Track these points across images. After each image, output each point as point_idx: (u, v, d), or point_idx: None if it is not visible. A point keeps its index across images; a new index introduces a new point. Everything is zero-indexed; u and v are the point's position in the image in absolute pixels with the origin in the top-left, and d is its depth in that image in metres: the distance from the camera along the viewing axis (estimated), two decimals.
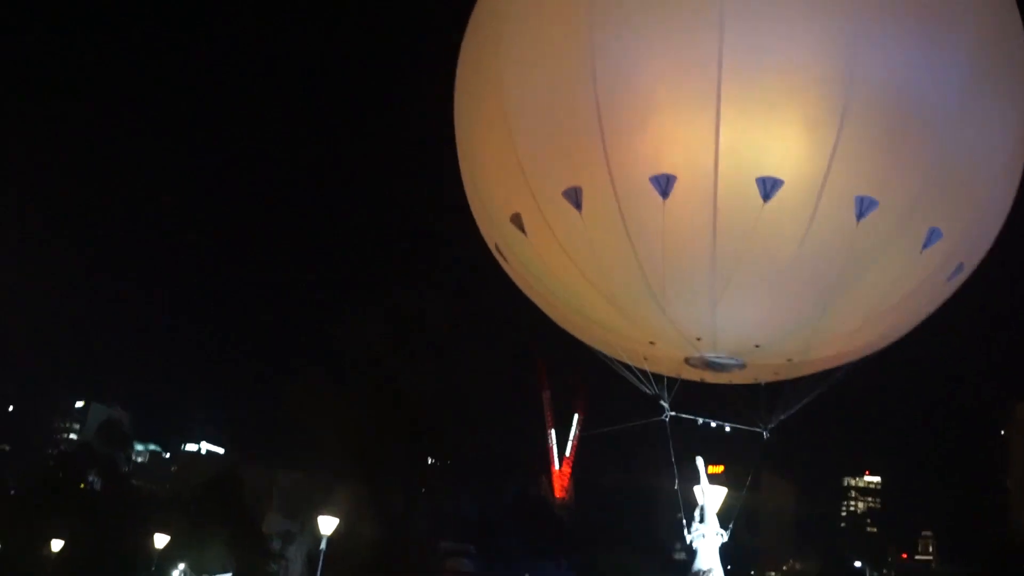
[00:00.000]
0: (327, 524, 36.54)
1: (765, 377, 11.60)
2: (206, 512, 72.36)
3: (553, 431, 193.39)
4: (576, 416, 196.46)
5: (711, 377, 11.59)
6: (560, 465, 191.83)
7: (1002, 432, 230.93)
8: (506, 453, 70.55)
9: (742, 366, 10.92)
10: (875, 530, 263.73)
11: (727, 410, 12.17)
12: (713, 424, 11.94)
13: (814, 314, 10.20)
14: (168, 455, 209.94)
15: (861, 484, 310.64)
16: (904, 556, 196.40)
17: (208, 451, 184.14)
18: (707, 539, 11.66)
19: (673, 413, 11.66)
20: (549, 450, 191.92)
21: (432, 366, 51.83)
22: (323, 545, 36.17)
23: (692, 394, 12.00)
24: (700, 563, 11.64)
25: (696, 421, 11.81)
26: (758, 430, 11.95)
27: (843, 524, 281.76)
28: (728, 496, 11.85)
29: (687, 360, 11.08)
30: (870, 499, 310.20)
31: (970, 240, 10.65)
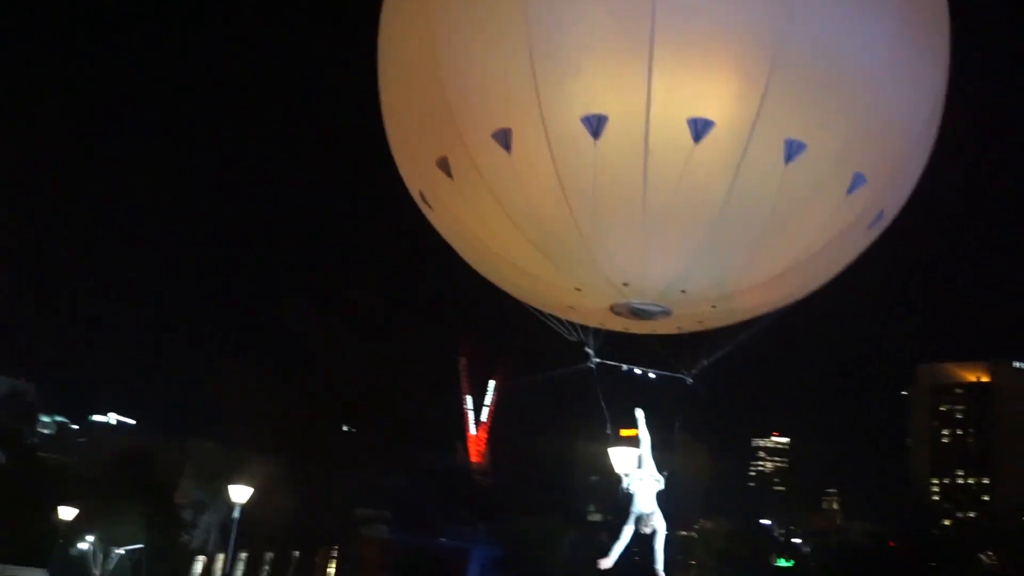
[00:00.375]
0: (240, 493, 36.25)
1: (688, 326, 11.70)
2: (116, 484, 71.22)
3: (469, 397, 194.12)
4: (492, 382, 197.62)
5: (635, 327, 11.57)
6: (476, 431, 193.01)
7: (904, 393, 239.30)
8: (423, 420, 70.59)
9: (667, 313, 10.94)
10: (783, 489, 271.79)
11: (650, 359, 12.23)
12: (637, 371, 12.04)
13: (741, 259, 10.34)
14: (77, 427, 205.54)
15: (769, 445, 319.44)
16: (810, 514, 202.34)
17: (119, 422, 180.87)
18: (644, 483, 11.78)
19: (599, 360, 11.68)
20: (465, 416, 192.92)
21: (347, 335, 51.49)
22: (236, 514, 35.86)
23: (616, 345, 11.98)
24: (639, 507, 11.78)
25: (620, 367, 11.92)
26: (682, 376, 12.13)
27: (752, 484, 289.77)
28: (652, 447, 11.97)
29: (612, 308, 11.03)
30: (778, 459, 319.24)
31: (892, 188, 10.93)
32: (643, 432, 12.00)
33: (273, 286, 58.94)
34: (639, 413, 12.06)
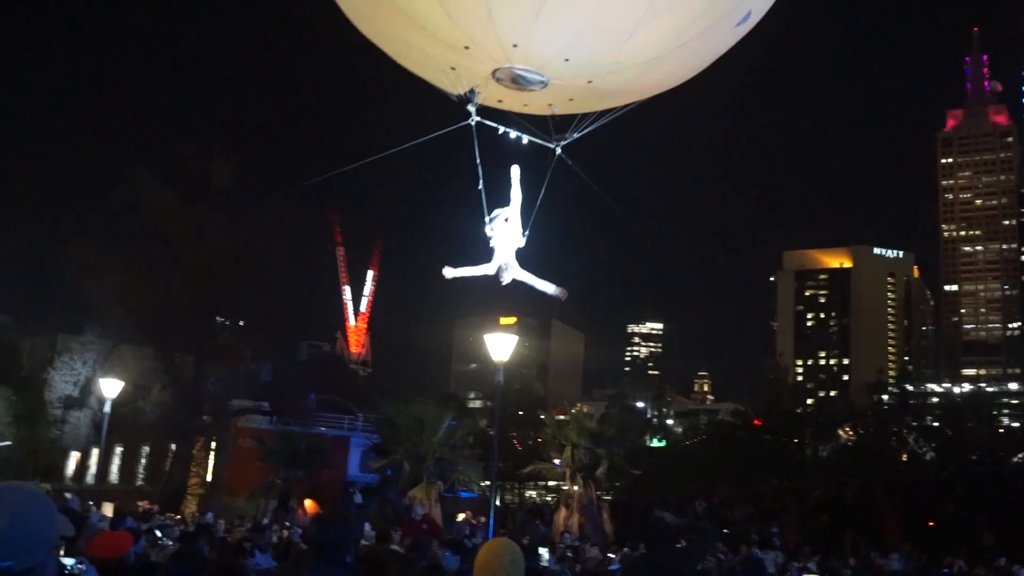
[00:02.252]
0: (111, 387, 35.52)
1: (560, 103, 11.87)
2: None
3: (348, 287, 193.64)
4: (370, 272, 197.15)
5: (510, 99, 11.70)
6: (355, 321, 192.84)
7: (771, 279, 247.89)
8: (300, 311, 69.97)
9: (545, 84, 11.06)
10: (657, 372, 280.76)
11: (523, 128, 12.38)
12: (512, 135, 12.10)
13: (623, 35, 10.44)
14: None
15: (644, 331, 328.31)
16: (680, 398, 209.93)
17: None
18: (504, 237, 12.14)
19: (479, 119, 11.65)
20: (344, 306, 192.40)
21: (219, 223, 50.12)
22: (107, 408, 35.18)
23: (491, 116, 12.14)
24: (498, 258, 12.20)
25: (497, 129, 11.96)
26: (551, 145, 12.30)
27: (627, 368, 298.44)
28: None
29: (495, 73, 11.04)
30: (652, 344, 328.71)
31: None
32: (516, 188, 12.27)
33: (142, 176, 55.97)
34: (515, 170, 12.30)
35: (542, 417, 47.88)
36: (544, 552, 17.70)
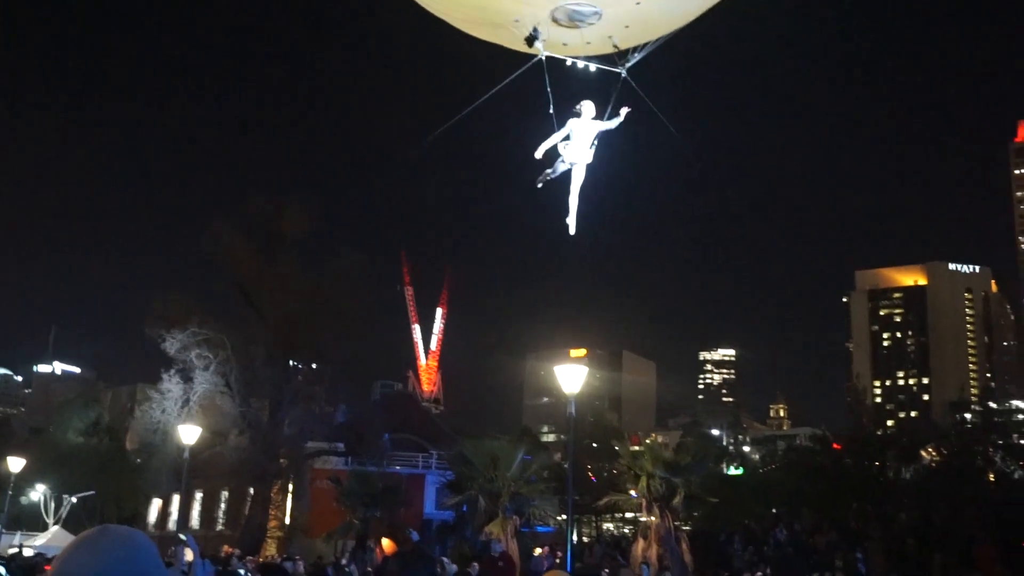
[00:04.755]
0: (189, 434, 36.20)
1: (618, 33, 12.17)
2: (63, 431, 70.64)
3: (417, 326, 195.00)
4: (439, 310, 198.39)
5: (572, 39, 12.05)
6: (426, 360, 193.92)
7: (844, 299, 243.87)
8: (372, 352, 70.69)
9: (600, 14, 11.41)
10: (731, 400, 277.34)
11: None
12: (580, 64, 12.47)
13: None
14: (20, 378, 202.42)
15: (716, 357, 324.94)
16: (756, 425, 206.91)
17: (63, 372, 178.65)
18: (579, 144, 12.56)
19: (548, 54, 11.98)
20: (415, 346, 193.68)
21: (294, 270, 51.14)
22: (186, 454, 35.84)
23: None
24: (571, 151, 12.54)
25: (564, 61, 12.34)
26: (617, 70, 12.56)
27: (700, 396, 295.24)
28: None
29: (553, 15, 11.44)
30: (725, 371, 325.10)
31: None
32: (588, 119, 12.62)
33: (218, 226, 57.53)
34: (587, 104, 12.63)
35: (616, 448, 47.41)
36: None
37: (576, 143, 12.56)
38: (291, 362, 51.92)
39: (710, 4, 12.28)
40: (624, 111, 12.68)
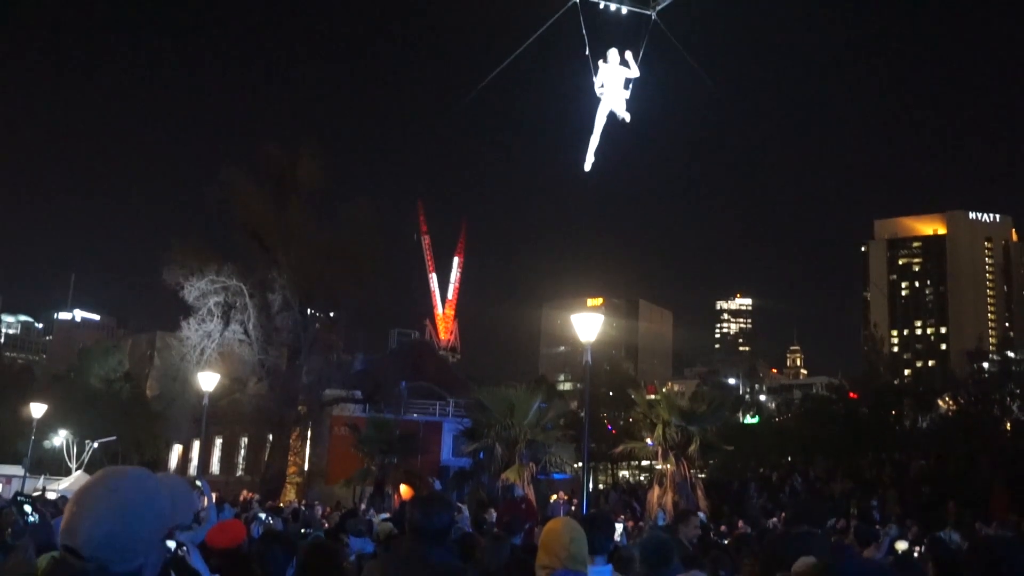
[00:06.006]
0: (208, 380, 36.48)
1: None
2: (84, 377, 71.37)
3: (434, 275, 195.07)
4: (456, 259, 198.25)
5: None
6: (443, 308, 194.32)
7: (863, 248, 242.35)
8: (389, 301, 70.90)
9: None
10: (748, 348, 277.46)
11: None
12: (612, 7, 12.49)
13: None
14: (41, 326, 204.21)
15: (733, 307, 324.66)
16: (774, 371, 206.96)
17: (83, 319, 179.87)
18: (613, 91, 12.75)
19: None
20: (432, 294, 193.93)
21: (306, 216, 51.11)
22: (205, 401, 36.12)
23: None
24: (608, 98, 12.75)
25: (598, 5, 12.35)
26: (647, 12, 12.62)
27: (717, 345, 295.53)
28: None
29: None
30: (742, 320, 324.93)
31: None
32: (615, 64, 12.82)
33: (231, 176, 56.96)
34: (611, 52, 12.85)
35: (632, 397, 47.58)
36: (619, 527, 17.71)
37: (608, 88, 12.64)
38: (308, 310, 52.03)
39: None
40: (634, 69, 12.82)
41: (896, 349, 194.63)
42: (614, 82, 12.76)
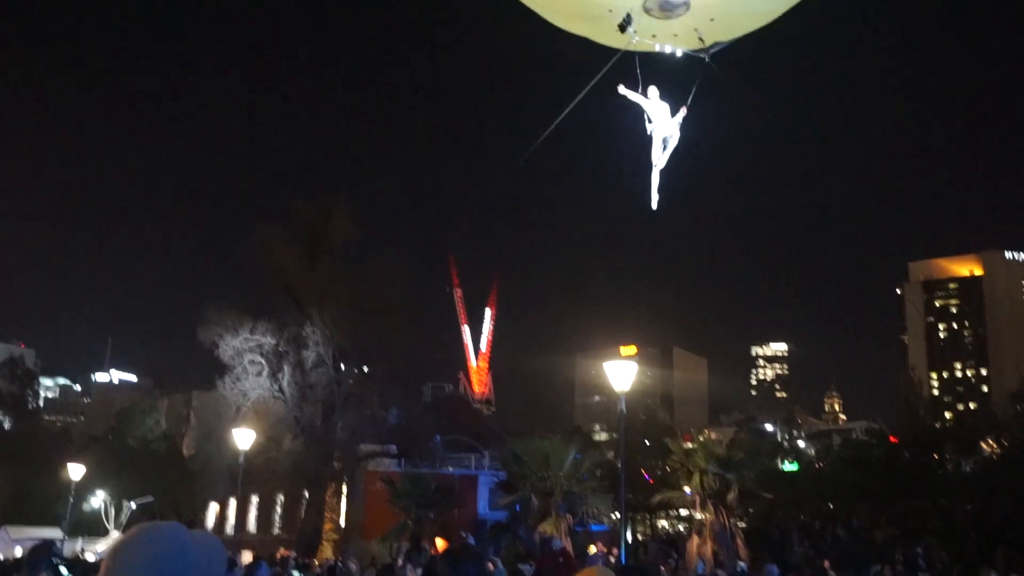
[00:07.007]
0: (244, 438, 36.57)
1: (703, 25, 12.33)
2: (122, 438, 71.80)
3: (467, 328, 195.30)
4: (488, 311, 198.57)
5: (661, 31, 12.25)
6: (476, 361, 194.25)
7: (898, 291, 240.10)
8: (423, 354, 70.94)
9: (688, 4, 11.61)
10: (784, 394, 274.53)
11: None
12: (668, 50, 12.67)
13: None
14: (79, 388, 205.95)
15: (768, 352, 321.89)
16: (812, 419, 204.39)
17: (120, 380, 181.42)
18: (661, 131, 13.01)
19: (638, 39, 12.03)
20: (465, 347, 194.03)
21: (339, 271, 51.49)
22: (241, 459, 36.20)
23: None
24: (661, 133, 12.94)
25: (654, 47, 12.53)
26: (701, 55, 12.71)
27: (753, 392, 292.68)
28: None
29: (644, 5, 11.64)
30: (777, 366, 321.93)
31: None
32: (656, 99, 13.05)
33: (265, 235, 57.58)
34: (651, 89, 13.03)
35: (668, 446, 47.15)
36: None
37: (656, 122, 13.03)
38: (342, 366, 52.21)
39: (794, 2, 12.45)
40: (681, 113, 13.03)
41: (936, 392, 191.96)
42: (661, 115, 13.02)
